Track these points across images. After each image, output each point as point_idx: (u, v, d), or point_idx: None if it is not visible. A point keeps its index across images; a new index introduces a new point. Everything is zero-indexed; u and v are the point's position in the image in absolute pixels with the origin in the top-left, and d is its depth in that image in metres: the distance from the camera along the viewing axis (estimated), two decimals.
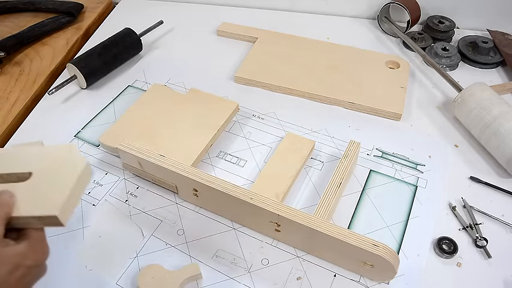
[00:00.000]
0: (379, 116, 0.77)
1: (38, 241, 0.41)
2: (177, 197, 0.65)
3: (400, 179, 0.67)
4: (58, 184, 0.43)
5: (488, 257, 0.57)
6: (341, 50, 0.90)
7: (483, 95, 0.70)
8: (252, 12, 1.05)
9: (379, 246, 0.49)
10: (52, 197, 0.42)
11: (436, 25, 0.93)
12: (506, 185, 0.65)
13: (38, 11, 1.04)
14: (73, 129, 0.76)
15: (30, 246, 0.40)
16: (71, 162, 0.45)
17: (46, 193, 0.43)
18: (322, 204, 0.58)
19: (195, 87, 0.80)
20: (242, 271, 0.57)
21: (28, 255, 0.39)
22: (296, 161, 0.67)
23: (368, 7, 1.01)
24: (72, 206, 0.43)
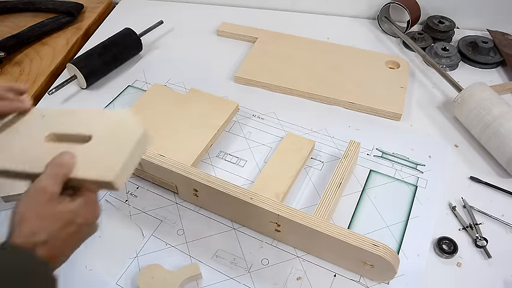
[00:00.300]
0: (379, 116, 0.77)
1: (91, 201, 0.43)
2: (177, 197, 0.65)
3: (400, 179, 0.67)
4: (116, 150, 0.44)
5: (488, 257, 0.57)
6: (341, 50, 0.90)
7: (483, 95, 0.70)
8: (252, 12, 1.05)
9: (379, 246, 0.49)
10: (109, 163, 0.43)
11: (436, 25, 0.93)
12: (506, 185, 0.65)
13: (38, 11, 1.04)
14: None
15: (83, 205, 0.41)
16: (129, 129, 0.46)
17: (103, 158, 0.44)
18: (322, 204, 0.57)
19: (195, 87, 0.80)
20: (242, 271, 0.57)
21: (80, 213, 0.41)
22: (296, 161, 0.67)
23: (368, 7, 1.01)
24: (128, 172, 0.44)
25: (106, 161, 0.43)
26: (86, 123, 0.48)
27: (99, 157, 0.44)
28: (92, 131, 0.47)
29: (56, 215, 0.40)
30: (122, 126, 0.47)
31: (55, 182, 0.41)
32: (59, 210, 0.40)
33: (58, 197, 0.41)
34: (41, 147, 0.47)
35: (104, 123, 0.48)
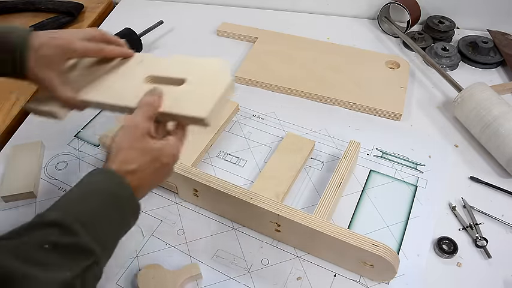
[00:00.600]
0: (379, 116, 0.77)
1: (175, 146, 0.47)
2: (177, 197, 0.65)
3: (400, 179, 0.67)
4: (207, 93, 0.50)
5: (488, 257, 0.57)
6: (341, 50, 0.90)
7: (483, 95, 0.70)
8: (252, 12, 1.05)
9: (379, 246, 0.49)
10: (202, 103, 0.49)
11: (436, 25, 0.93)
12: (506, 185, 0.65)
13: (38, 11, 1.04)
14: (73, 129, 0.76)
15: (169, 146, 0.47)
16: (219, 76, 0.52)
17: (197, 99, 0.50)
18: (322, 204, 0.57)
19: None
20: (242, 271, 0.57)
21: (165, 153, 0.46)
22: (296, 161, 0.67)
23: (368, 7, 1.01)
24: (217, 113, 0.50)
25: (199, 101, 0.50)
26: (180, 68, 0.55)
27: (193, 97, 0.51)
28: (185, 75, 0.53)
29: (146, 149, 0.45)
30: (213, 72, 0.53)
31: (146, 118, 0.46)
32: (150, 146, 0.45)
33: (149, 133, 0.46)
34: (140, 87, 0.54)
35: (196, 68, 0.55)
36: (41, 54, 0.52)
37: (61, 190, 0.67)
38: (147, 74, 0.56)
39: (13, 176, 0.67)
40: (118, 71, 0.59)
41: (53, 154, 0.72)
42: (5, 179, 0.67)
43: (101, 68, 0.60)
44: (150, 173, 0.45)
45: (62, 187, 0.67)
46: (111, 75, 0.58)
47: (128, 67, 0.59)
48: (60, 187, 0.67)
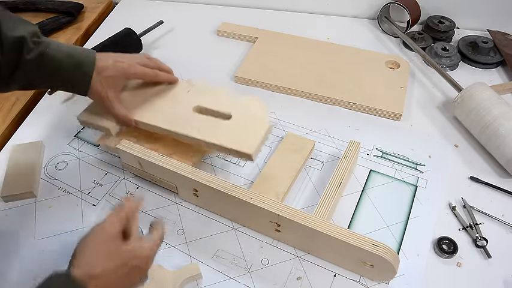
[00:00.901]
0: (379, 116, 0.77)
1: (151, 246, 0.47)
2: (177, 197, 0.65)
3: (400, 179, 0.67)
4: (253, 130, 0.59)
5: (488, 257, 0.57)
6: (341, 50, 0.90)
7: (483, 95, 0.70)
8: (252, 12, 1.05)
9: (379, 246, 0.49)
10: (249, 140, 0.58)
11: (436, 25, 0.93)
12: (506, 185, 0.65)
13: (38, 11, 1.04)
14: (73, 129, 0.76)
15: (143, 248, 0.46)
16: (262, 115, 0.61)
17: (244, 135, 0.59)
18: (322, 204, 0.57)
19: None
20: (242, 271, 0.57)
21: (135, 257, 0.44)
22: (296, 161, 0.67)
23: (368, 7, 1.01)
24: (259, 149, 0.58)
25: (246, 138, 0.58)
26: (226, 103, 0.62)
27: (240, 133, 0.58)
28: (231, 110, 0.61)
29: (112, 253, 0.43)
30: (256, 112, 0.61)
31: (116, 220, 0.45)
32: (118, 249, 0.44)
33: (118, 235, 0.45)
34: (191, 115, 0.62)
35: (241, 105, 0.62)
36: (105, 75, 0.59)
37: (61, 190, 0.67)
38: (195, 103, 0.63)
39: (13, 176, 0.67)
40: (167, 96, 0.65)
41: (53, 154, 0.72)
42: (5, 179, 0.67)
43: (147, 91, 0.66)
44: (117, 277, 0.43)
45: (62, 187, 0.67)
46: (161, 99, 0.65)
47: (177, 93, 0.66)
48: (60, 187, 0.67)
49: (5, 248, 0.60)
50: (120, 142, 0.63)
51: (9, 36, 0.54)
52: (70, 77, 0.58)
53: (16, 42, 0.54)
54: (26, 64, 0.55)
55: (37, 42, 0.56)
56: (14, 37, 0.54)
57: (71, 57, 0.57)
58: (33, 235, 0.61)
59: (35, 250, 0.60)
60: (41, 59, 0.56)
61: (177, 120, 0.61)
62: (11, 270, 0.58)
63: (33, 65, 0.56)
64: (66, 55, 0.57)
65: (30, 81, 0.58)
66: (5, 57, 0.54)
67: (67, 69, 0.57)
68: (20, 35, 0.54)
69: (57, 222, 0.63)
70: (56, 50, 0.57)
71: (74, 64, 0.57)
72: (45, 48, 0.56)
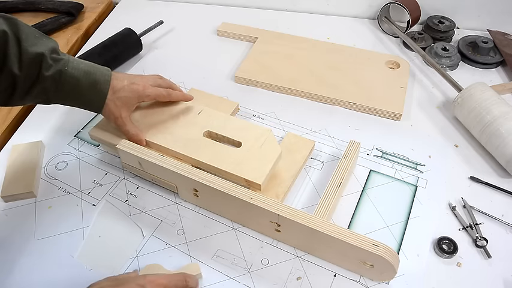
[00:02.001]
0: (379, 116, 0.77)
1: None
2: (177, 197, 0.65)
3: (400, 179, 0.67)
4: (263, 160, 0.60)
5: (488, 257, 0.57)
6: (341, 50, 0.90)
7: (483, 95, 0.70)
8: (252, 12, 1.05)
9: (379, 246, 0.49)
10: (259, 169, 0.59)
11: (436, 25, 0.93)
12: (506, 185, 0.65)
13: (38, 11, 1.04)
14: (73, 129, 0.76)
15: None
16: (272, 145, 0.62)
17: (254, 164, 0.60)
18: (322, 204, 0.57)
19: (195, 87, 0.80)
20: (242, 271, 0.57)
21: None
22: (296, 161, 0.67)
23: (368, 7, 1.01)
24: (269, 177, 0.60)
25: (256, 167, 0.59)
26: (237, 131, 0.64)
27: (250, 162, 0.60)
28: (242, 138, 0.63)
29: None
30: (267, 140, 0.63)
31: None
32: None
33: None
34: (199, 139, 0.64)
35: (251, 134, 0.64)
36: (120, 95, 0.61)
37: (61, 190, 0.67)
38: (205, 128, 0.65)
39: (13, 176, 0.67)
40: (178, 118, 0.67)
41: (53, 154, 0.72)
42: (5, 179, 0.67)
43: (159, 111, 0.68)
44: None
45: (62, 187, 0.67)
46: (172, 120, 0.66)
47: (187, 116, 0.67)
48: (60, 187, 0.67)
49: (5, 248, 0.60)
50: None
51: (29, 52, 0.54)
52: (86, 95, 0.59)
53: (35, 58, 0.55)
54: (44, 81, 0.56)
55: (56, 59, 0.57)
56: (34, 53, 0.54)
57: (88, 76, 0.58)
58: (33, 235, 0.61)
59: (35, 250, 0.60)
60: (58, 77, 0.57)
61: (187, 144, 0.63)
62: (11, 270, 0.58)
63: (51, 82, 0.56)
64: (83, 73, 0.58)
65: (46, 98, 0.58)
66: (24, 73, 0.54)
67: (83, 87, 0.58)
68: (40, 51, 0.55)
69: (57, 222, 0.63)
70: (73, 68, 0.58)
71: (90, 83, 0.59)
72: (63, 66, 0.57)
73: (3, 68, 0.53)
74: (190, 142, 0.63)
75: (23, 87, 0.55)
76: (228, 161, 0.60)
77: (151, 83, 0.65)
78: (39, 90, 0.56)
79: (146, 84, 0.64)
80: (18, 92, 0.56)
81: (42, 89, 0.57)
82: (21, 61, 0.54)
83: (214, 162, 0.61)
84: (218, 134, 0.65)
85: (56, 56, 0.57)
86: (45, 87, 0.57)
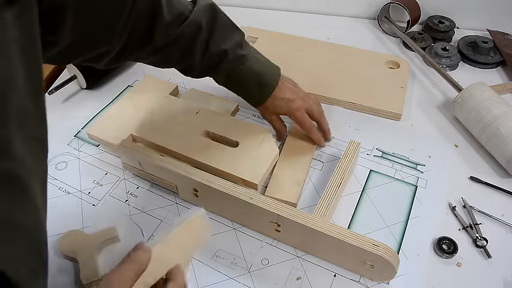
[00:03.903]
0: (379, 116, 0.77)
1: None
2: (177, 197, 0.65)
3: (400, 179, 0.67)
4: (259, 160, 0.61)
5: (488, 257, 0.57)
6: (341, 50, 0.90)
7: (483, 95, 0.70)
8: (252, 12, 1.05)
9: (379, 246, 0.49)
10: (256, 169, 0.59)
11: (436, 25, 0.93)
12: (506, 185, 0.65)
13: None
14: (73, 129, 0.76)
15: None
16: (270, 145, 0.63)
17: (251, 164, 0.60)
18: (322, 204, 0.57)
19: (195, 87, 0.80)
20: (242, 271, 0.56)
21: None
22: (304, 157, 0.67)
23: (368, 7, 1.01)
24: (266, 176, 0.61)
25: (253, 167, 0.60)
26: (234, 130, 0.65)
27: (247, 162, 0.60)
28: (239, 138, 0.63)
29: None
30: (264, 140, 0.63)
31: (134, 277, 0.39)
32: None
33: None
34: (197, 139, 0.64)
35: (248, 133, 0.64)
36: (275, 104, 0.65)
37: (61, 190, 0.67)
38: (203, 127, 0.65)
39: None
40: (176, 119, 0.67)
41: (53, 154, 0.72)
42: None
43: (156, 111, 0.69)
44: None
45: (62, 187, 0.67)
46: (169, 121, 0.67)
47: (185, 116, 0.68)
48: (60, 187, 0.67)
49: None
50: None
51: (215, 47, 0.59)
52: (250, 93, 0.65)
53: (218, 53, 0.60)
54: (217, 72, 0.62)
55: (237, 56, 0.61)
56: (219, 49, 0.59)
57: (258, 78, 0.63)
58: None
59: None
60: (232, 72, 0.62)
61: (184, 143, 0.63)
62: None
63: (224, 74, 0.62)
64: (255, 75, 0.62)
65: (215, 80, 0.65)
66: (204, 62, 0.60)
67: (250, 87, 0.63)
68: (224, 48, 0.60)
69: (57, 222, 0.62)
70: (248, 68, 0.62)
71: (257, 83, 0.63)
72: (239, 65, 0.61)
73: (186, 56, 0.59)
74: (187, 142, 0.63)
75: (196, 72, 0.63)
76: (225, 161, 0.60)
77: (306, 107, 0.66)
78: (211, 76, 0.64)
79: (301, 106, 0.65)
80: (190, 74, 0.63)
81: (214, 76, 0.64)
82: (205, 53, 0.59)
83: (211, 161, 0.61)
84: (216, 133, 0.65)
85: (238, 51, 0.61)
86: (217, 76, 0.63)
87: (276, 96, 0.64)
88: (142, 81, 0.79)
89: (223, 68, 0.61)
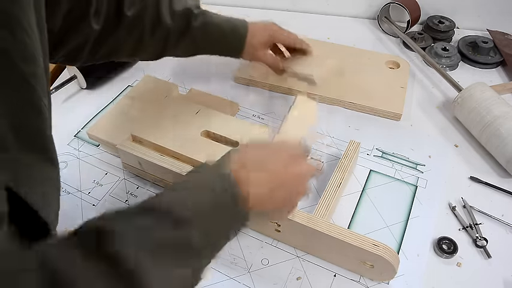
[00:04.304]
0: (379, 116, 0.77)
1: None
2: None
3: (400, 179, 0.67)
4: None
5: (488, 257, 0.57)
6: (341, 50, 0.90)
7: (483, 95, 0.70)
8: (252, 12, 1.05)
9: (379, 246, 0.49)
10: None
11: (436, 25, 0.93)
12: (506, 185, 0.65)
13: None
14: (73, 129, 0.76)
15: None
16: None
17: None
18: (322, 204, 0.57)
19: (195, 87, 0.80)
20: (242, 271, 0.56)
21: None
22: None
23: (368, 7, 1.01)
24: None
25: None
26: (233, 130, 0.64)
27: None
28: (239, 138, 0.63)
29: None
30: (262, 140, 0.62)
31: None
32: None
33: None
34: (197, 139, 0.64)
35: (249, 134, 0.64)
36: (256, 39, 0.67)
37: (61, 190, 0.67)
38: (203, 127, 0.65)
39: None
40: (176, 119, 0.67)
41: None
42: None
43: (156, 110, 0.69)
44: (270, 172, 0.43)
45: (62, 187, 0.67)
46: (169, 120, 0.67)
47: (185, 116, 0.68)
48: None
49: None
50: None
51: (178, 6, 0.62)
52: (229, 41, 0.67)
53: (184, 11, 0.62)
54: (193, 30, 0.63)
55: (202, 12, 0.64)
56: (182, 7, 0.62)
57: (229, 22, 0.66)
58: None
59: None
60: (205, 27, 0.64)
61: (184, 143, 0.63)
62: None
63: (199, 32, 0.64)
64: (225, 20, 0.65)
65: (194, 48, 0.67)
66: (176, 24, 0.62)
67: (227, 33, 0.65)
68: (187, 6, 0.63)
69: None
70: (216, 17, 0.65)
71: (231, 28, 0.66)
72: (207, 17, 0.64)
73: (157, 23, 0.60)
74: (187, 142, 0.63)
75: (174, 38, 0.63)
76: None
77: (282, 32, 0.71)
78: (189, 40, 0.64)
79: (278, 30, 0.70)
80: (170, 43, 0.63)
81: (192, 39, 0.64)
82: (172, 14, 0.61)
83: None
84: (216, 133, 0.65)
85: (200, 9, 0.64)
86: (195, 37, 0.64)
87: (253, 31, 0.68)
88: (142, 81, 0.79)
89: (195, 25, 0.63)
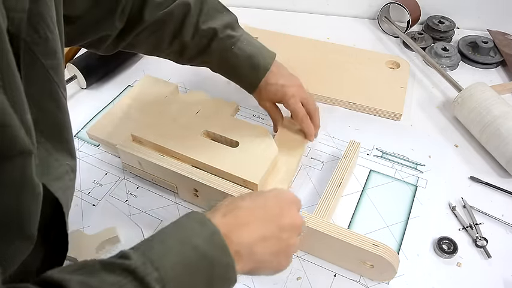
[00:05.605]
0: (379, 116, 0.77)
1: None
2: (177, 197, 0.65)
3: (400, 179, 0.67)
4: (259, 160, 0.60)
5: (488, 257, 0.57)
6: (341, 50, 0.90)
7: (483, 95, 0.70)
8: (252, 12, 1.05)
9: (379, 246, 0.49)
10: (256, 169, 0.59)
11: (436, 25, 0.93)
12: (506, 185, 0.65)
13: None
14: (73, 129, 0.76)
15: None
16: (269, 145, 0.62)
17: (251, 164, 0.59)
18: (322, 204, 0.57)
19: (195, 87, 0.80)
20: None
21: None
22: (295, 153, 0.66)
23: (368, 7, 1.01)
24: (266, 177, 0.60)
25: (253, 167, 0.59)
26: (234, 129, 0.65)
27: (247, 162, 0.60)
28: (239, 138, 0.63)
29: None
30: (264, 140, 0.63)
31: None
32: None
33: None
34: (197, 139, 0.64)
35: (248, 133, 0.64)
36: (268, 89, 0.65)
37: None
38: (203, 127, 0.65)
39: None
40: (176, 119, 0.67)
41: None
42: None
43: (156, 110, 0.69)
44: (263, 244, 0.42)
45: None
46: (169, 121, 0.66)
47: (185, 116, 0.67)
48: None
49: None
50: None
51: (204, 25, 0.60)
52: (242, 74, 0.64)
53: (208, 32, 0.60)
54: (209, 54, 0.62)
55: (228, 36, 0.61)
56: (207, 27, 0.60)
57: (250, 59, 0.62)
58: None
59: None
60: (223, 54, 0.62)
61: (184, 143, 0.63)
62: None
63: (215, 57, 0.62)
64: (246, 57, 0.62)
65: (209, 67, 0.66)
66: (194, 42, 0.61)
67: (243, 69, 0.63)
68: (213, 26, 0.60)
69: None
70: (239, 48, 0.62)
71: (249, 65, 0.63)
72: (231, 45, 0.61)
73: (178, 35, 0.60)
74: (188, 142, 0.63)
75: (190, 53, 0.63)
76: (225, 161, 0.60)
77: (302, 96, 0.65)
78: (203, 60, 0.64)
79: (296, 95, 0.64)
80: (185, 56, 0.63)
81: (207, 60, 0.63)
82: (195, 32, 0.60)
83: (211, 161, 0.61)
84: (216, 133, 0.65)
85: (229, 32, 0.61)
86: (210, 59, 0.63)
87: (270, 81, 0.64)
88: (142, 81, 0.79)
89: (214, 48, 0.61)
